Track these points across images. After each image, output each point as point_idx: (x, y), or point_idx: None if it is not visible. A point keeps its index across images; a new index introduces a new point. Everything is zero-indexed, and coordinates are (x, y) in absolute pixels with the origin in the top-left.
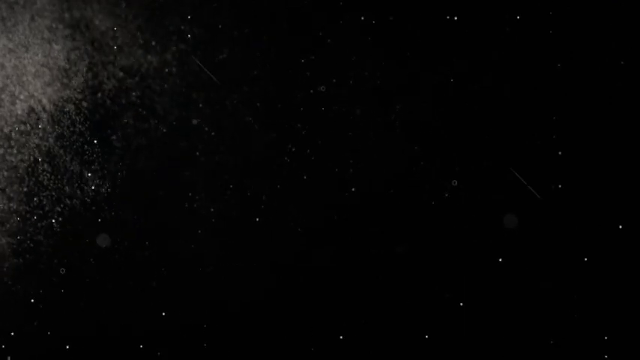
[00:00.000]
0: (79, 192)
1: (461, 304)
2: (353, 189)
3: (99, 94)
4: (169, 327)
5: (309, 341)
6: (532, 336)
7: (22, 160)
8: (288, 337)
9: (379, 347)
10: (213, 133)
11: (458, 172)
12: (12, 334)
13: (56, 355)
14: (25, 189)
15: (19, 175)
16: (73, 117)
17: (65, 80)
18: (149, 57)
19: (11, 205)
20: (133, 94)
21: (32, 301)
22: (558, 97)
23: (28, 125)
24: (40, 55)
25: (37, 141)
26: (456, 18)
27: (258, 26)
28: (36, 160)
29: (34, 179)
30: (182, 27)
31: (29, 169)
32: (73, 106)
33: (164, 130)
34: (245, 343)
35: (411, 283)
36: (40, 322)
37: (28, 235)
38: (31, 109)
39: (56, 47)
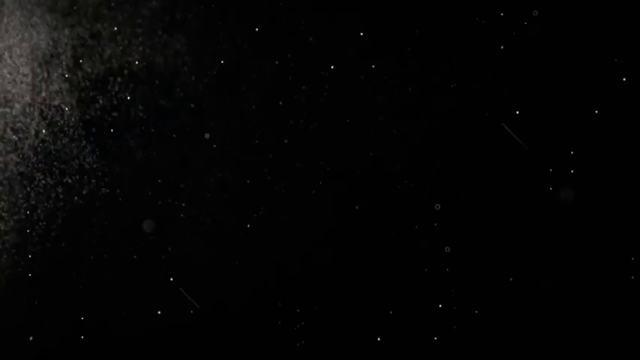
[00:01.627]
0: (73, 192)
1: (461, 303)
2: (353, 189)
3: (93, 93)
4: (167, 327)
5: (307, 342)
6: (534, 337)
7: (12, 160)
8: (287, 338)
9: (379, 347)
10: (211, 132)
11: (457, 171)
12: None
13: (51, 355)
14: (15, 189)
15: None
16: (68, 115)
17: (58, 76)
18: (145, 55)
19: None
20: (128, 93)
21: (26, 302)
22: (558, 98)
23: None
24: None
25: (30, 139)
26: (455, 18)
27: (256, 25)
28: (27, 159)
29: (24, 178)
30: (180, 24)
31: (19, 168)
32: (66, 104)
33: (160, 130)
34: (244, 344)
35: (411, 284)
36: (35, 323)
37: (21, 237)
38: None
39: (47, 41)
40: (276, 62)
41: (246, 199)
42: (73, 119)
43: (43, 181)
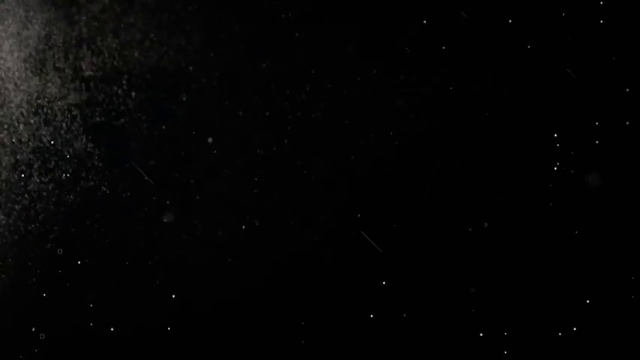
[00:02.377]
0: (71, 192)
1: (461, 303)
2: (352, 189)
3: (89, 91)
4: (166, 327)
5: (307, 342)
6: (535, 337)
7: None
8: (287, 338)
9: (379, 347)
10: (211, 133)
11: (458, 171)
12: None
13: (50, 355)
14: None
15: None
16: (67, 114)
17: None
18: (147, 55)
19: None
20: (127, 93)
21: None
22: (558, 98)
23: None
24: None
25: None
26: (454, 18)
27: (257, 26)
28: (25, 158)
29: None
30: (179, 24)
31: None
32: (65, 103)
33: (161, 131)
34: (243, 344)
35: (410, 285)
36: (33, 323)
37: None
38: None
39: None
40: (277, 64)
41: (246, 200)
42: (71, 118)
43: (39, 181)
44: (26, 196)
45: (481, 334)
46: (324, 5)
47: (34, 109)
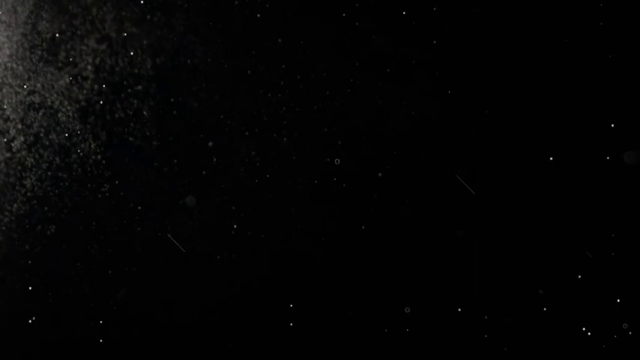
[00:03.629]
0: (73, 189)
1: (460, 303)
2: (352, 188)
3: (89, 90)
4: (165, 324)
5: (307, 341)
6: (534, 337)
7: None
8: (285, 337)
9: (378, 346)
10: (206, 131)
11: (457, 171)
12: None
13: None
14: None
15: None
16: (66, 110)
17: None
18: (149, 54)
19: None
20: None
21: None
22: (558, 97)
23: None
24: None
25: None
26: (454, 17)
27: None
28: (25, 156)
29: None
30: (176, 22)
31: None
32: (65, 99)
33: (162, 129)
34: (243, 343)
35: (410, 284)
36: (33, 322)
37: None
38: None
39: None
40: (277, 64)
41: (245, 200)
42: (72, 117)
43: (38, 178)
44: (23, 196)
45: (480, 334)
46: (323, 5)
47: (32, 108)
